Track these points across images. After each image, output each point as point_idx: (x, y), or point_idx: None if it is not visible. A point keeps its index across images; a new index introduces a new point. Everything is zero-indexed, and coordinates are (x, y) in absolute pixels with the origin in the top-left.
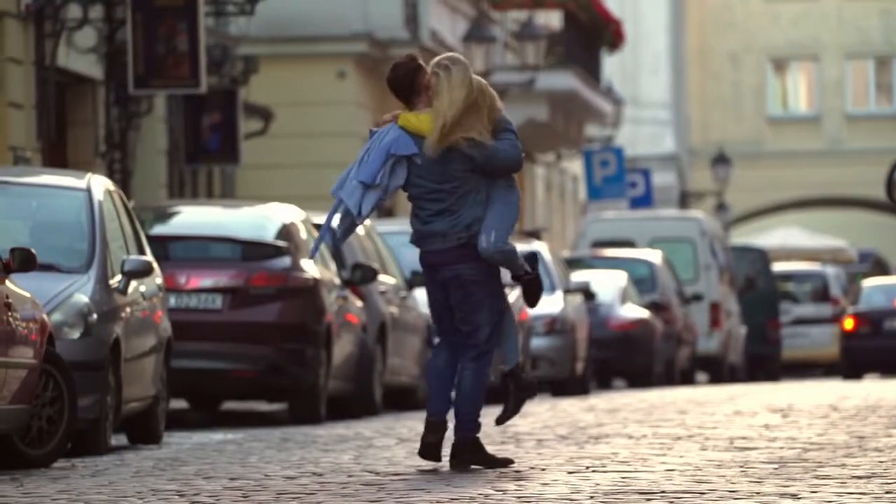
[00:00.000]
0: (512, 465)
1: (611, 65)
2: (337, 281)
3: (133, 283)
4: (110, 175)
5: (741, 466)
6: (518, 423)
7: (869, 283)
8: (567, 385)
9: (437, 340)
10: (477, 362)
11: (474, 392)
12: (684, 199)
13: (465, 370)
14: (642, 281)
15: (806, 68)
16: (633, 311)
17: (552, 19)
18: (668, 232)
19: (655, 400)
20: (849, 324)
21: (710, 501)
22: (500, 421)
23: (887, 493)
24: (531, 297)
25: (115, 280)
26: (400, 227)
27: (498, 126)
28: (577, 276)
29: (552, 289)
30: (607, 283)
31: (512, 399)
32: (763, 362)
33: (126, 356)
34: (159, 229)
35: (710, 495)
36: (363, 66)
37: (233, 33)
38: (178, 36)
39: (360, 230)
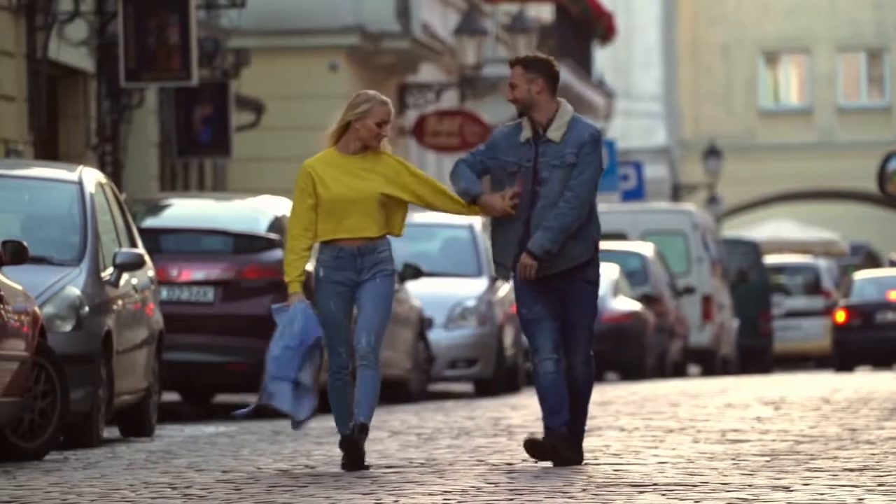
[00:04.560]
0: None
1: (602, 57)
2: None
3: (125, 276)
4: (102, 168)
5: (733, 459)
6: (510, 415)
7: (860, 275)
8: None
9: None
10: None
11: None
12: (676, 192)
13: None
14: (634, 274)
15: (797, 61)
16: (625, 304)
17: (544, 12)
18: (659, 225)
19: (647, 393)
20: (840, 316)
21: (702, 494)
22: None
23: (879, 485)
24: None
25: (107, 273)
26: None
27: None
28: None
29: None
30: None
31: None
32: (755, 355)
33: (118, 349)
34: (151, 222)
35: (702, 488)
36: (355, 59)
37: (224, 26)
38: (170, 29)
39: None
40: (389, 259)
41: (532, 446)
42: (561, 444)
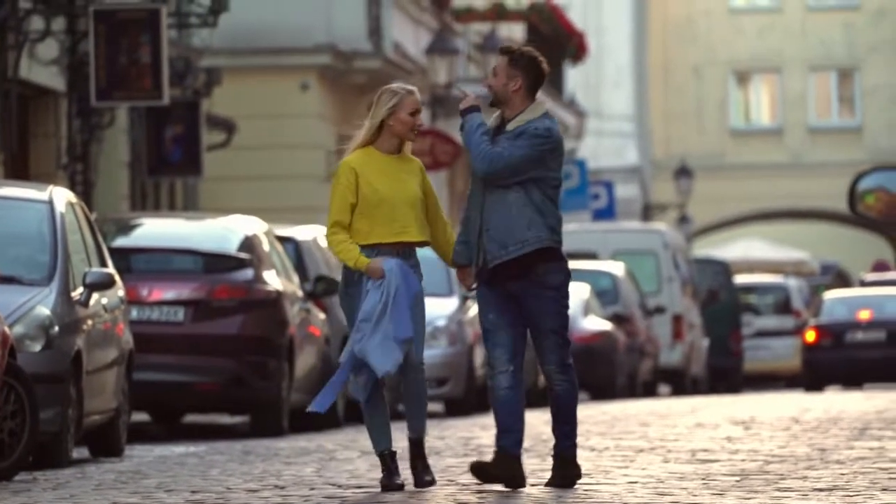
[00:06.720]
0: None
1: (574, 77)
2: (300, 293)
3: (95, 296)
4: (72, 187)
5: (703, 479)
6: (480, 435)
7: (830, 295)
8: (529, 397)
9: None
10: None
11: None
12: (647, 212)
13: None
14: (605, 293)
15: (769, 81)
16: (596, 324)
17: (515, 31)
18: (630, 244)
19: (618, 412)
20: (810, 336)
21: None
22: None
23: None
24: None
25: (77, 292)
26: None
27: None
28: None
29: None
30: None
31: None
32: (725, 374)
33: (88, 369)
34: (121, 241)
35: None
36: (326, 78)
37: (196, 45)
38: (141, 48)
39: (322, 242)
40: (419, 264)
41: (479, 469)
42: (511, 466)
